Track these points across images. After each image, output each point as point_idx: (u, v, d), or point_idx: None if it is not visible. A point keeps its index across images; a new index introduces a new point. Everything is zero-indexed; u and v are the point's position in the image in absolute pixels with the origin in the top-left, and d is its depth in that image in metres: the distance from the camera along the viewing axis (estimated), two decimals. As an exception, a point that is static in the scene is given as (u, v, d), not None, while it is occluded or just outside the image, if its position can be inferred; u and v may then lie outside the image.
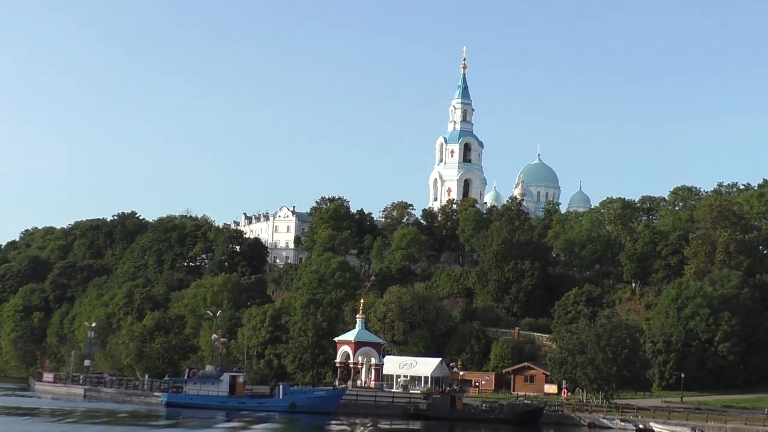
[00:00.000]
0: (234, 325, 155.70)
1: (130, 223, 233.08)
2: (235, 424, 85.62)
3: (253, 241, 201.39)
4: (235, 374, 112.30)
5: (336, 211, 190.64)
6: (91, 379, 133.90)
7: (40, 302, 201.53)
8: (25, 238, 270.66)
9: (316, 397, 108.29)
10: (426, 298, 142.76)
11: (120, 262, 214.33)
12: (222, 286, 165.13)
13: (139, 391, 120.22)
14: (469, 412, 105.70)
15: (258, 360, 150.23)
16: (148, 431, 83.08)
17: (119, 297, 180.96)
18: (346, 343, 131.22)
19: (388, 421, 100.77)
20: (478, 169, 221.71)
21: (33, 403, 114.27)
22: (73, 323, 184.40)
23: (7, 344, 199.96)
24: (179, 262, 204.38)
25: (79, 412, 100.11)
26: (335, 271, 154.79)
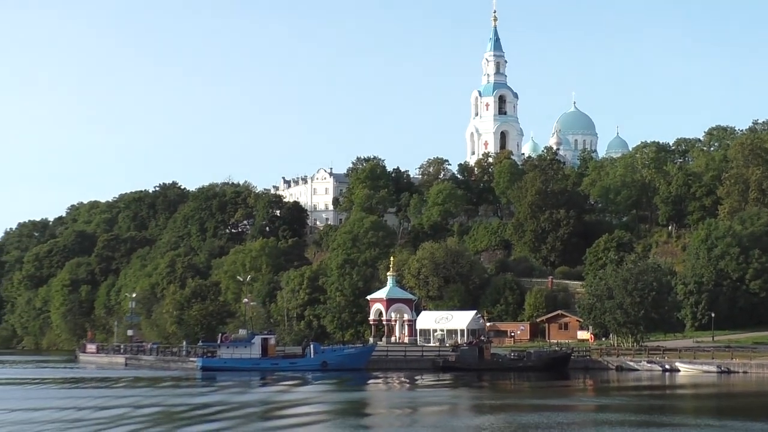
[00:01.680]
0: (273, 289, 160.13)
1: (171, 193, 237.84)
2: (279, 387, 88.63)
3: (292, 204, 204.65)
4: (267, 336, 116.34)
5: (372, 170, 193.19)
6: (131, 348, 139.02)
7: (87, 276, 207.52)
8: (71, 213, 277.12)
9: (346, 355, 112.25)
10: (459, 253, 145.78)
11: (164, 232, 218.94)
12: (260, 251, 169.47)
13: (176, 357, 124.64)
14: (497, 361, 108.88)
15: (298, 321, 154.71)
16: (188, 392, 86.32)
17: (162, 267, 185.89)
18: (379, 301, 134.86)
19: (418, 374, 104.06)
20: (514, 121, 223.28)
21: (76, 373, 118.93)
22: (119, 295, 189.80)
23: (57, 318, 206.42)
24: (221, 229, 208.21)
25: (116, 379, 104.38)
26: (368, 230, 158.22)
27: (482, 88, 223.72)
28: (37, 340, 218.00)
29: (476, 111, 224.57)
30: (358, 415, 64.48)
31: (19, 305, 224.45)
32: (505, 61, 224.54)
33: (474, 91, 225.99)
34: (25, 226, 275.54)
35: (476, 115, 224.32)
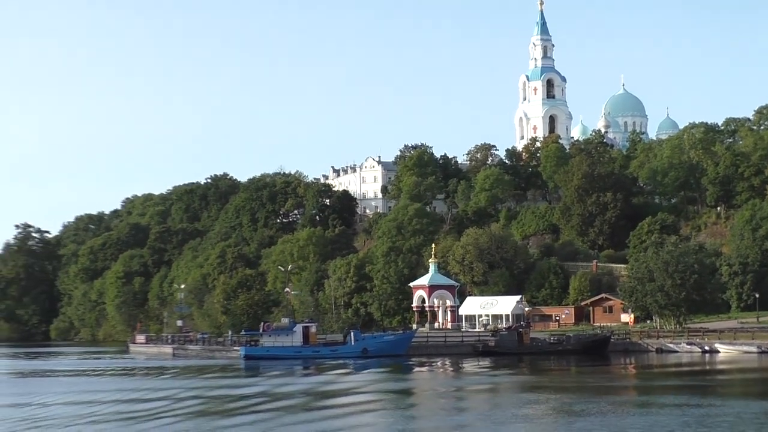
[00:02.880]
0: (321, 278, 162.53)
1: (223, 184, 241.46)
2: (327, 376, 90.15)
3: (341, 193, 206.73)
4: (308, 324, 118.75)
5: (420, 157, 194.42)
6: (179, 339, 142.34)
7: (140, 267, 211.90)
8: (126, 206, 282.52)
9: (386, 341, 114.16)
10: (503, 238, 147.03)
11: (215, 223, 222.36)
12: (307, 240, 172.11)
13: (221, 346, 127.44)
14: (536, 345, 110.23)
15: (345, 309, 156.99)
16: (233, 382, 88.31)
17: (213, 257, 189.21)
18: (421, 288, 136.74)
19: (458, 360, 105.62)
20: (563, 105, 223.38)
21: (127, 363, 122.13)
22: (172, 286, 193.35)
23: (112, 310, 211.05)
24: (272, 219, 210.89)
25: (163, 368, 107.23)
26: (413, 218, 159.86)
27: (530, 72, 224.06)
28: (94, 332, 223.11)
29: (524, 96, 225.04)
30: (407, 401, 66.04)
31: (76, 298, 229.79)
32: (553, 44, 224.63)
33: (522, 75, 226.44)
34: (81, 220, 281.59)
35: (524, 100, 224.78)
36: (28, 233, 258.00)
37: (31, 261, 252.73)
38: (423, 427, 51.95)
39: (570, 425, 49.50)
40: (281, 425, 51.26)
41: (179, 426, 51.26)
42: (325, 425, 51.42)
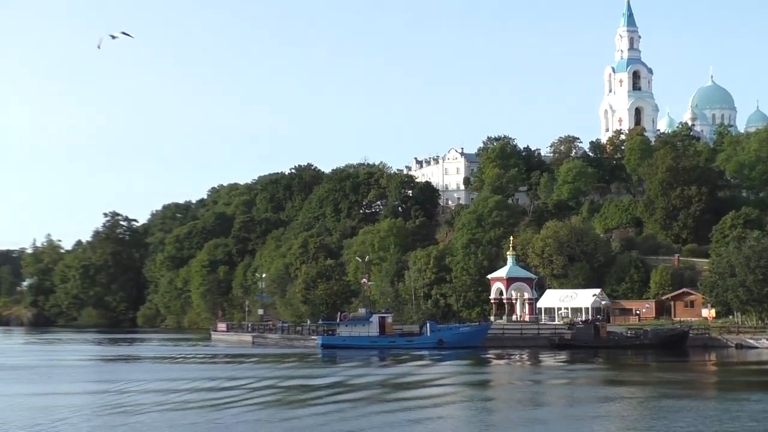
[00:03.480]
0: (401, 268, 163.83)
1: (306, 174, 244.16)
2: (402, 367, 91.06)
3: (424, 184, 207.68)
4: (384, 315, 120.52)
5: (502, 149, 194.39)
6: (258, 327, 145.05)
7: (224, 256, 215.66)
8: (212, 195, 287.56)
9: (461, 333, 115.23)
10: (583, 231, 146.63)
11: (299, 213, 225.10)
12: (388, 231, 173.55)
13: (299, 335, 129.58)
14: (613, 339, 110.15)
15: (425, 300, 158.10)
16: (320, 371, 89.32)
17: (295, 247, 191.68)
18: (499, 280, 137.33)
19: (534, 352, 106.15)
20: (649, 97, 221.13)
21: (207, 351, 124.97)
22: (255, 275, 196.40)
23: (197, 298, 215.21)
24: (355, 210, 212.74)
25: (241, 356, 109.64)
26: (493, 210, 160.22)
27: (616, 64, 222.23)
28: (179, 319, 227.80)
29: (610, 87, 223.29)
30: (484, 393, 66.61)
31: (162, 285, 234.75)
32: (639, 36, 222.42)
33: (607, 67, 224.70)
34: (168, 209, 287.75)
35: (610, 92, 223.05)
36: (116, 221, 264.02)
37: (119, 249, 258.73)
38: (500, 420, 51.82)
39: (654, 424, 48.61)
40: (358, 416, 51.74)
41: (253, 415, 52.05)
42: (402, 416, 51.71)
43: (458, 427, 49.23)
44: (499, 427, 49.62)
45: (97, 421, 51.07)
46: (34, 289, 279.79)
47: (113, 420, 50.86)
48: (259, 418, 51.19)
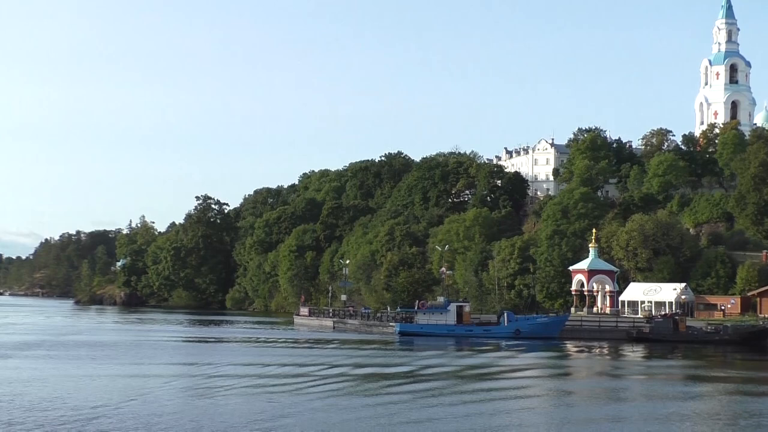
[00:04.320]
0: (485, 258, 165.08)
1: (396, 162, 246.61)
2: (481, 357, 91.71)
3: (513, 175, 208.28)
4: (462, 304, 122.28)
5: (593, 141, 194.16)
6: (339, 312, 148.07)
7: (312, 242, 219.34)
8: (303, 181, 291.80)
9: (539, 324, 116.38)
10: (669, 225, 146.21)
11: (388, 200, 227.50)
12: (473, 220, 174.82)
13: (378, 322, 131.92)
14: (692, 334, 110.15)
15: (508, 290, 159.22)
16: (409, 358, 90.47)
17: (382, 235, 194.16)
18: (580, 272, 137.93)
19: (611, 345, 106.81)
20: (746, 90, 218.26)
21: (288, 335, 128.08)
22: (341, 261, 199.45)
23: (285, 282, 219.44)
24: (443, 198, 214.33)
25: (320, 341, 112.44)
26: (578, 201, 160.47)
27: (713, 56, 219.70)
28: (266, 303, 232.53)
29: (706, 81, 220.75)
30: (563, 386, 66.89)
31: (251, 269, 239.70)
32: (738, 28, 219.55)
33: (704, 60, 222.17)
34: (260, 193, 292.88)
35: (706, 85, 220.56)
36: (207, 205, 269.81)
37: (210, 232, 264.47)
38: (579, 417, 50.62)
39: (747, 424, 47.62)
40: (432, 405, 51.83)
41: (323, 403, 52.05)
42: (478, 408, 51.65)
43: (536, 421, 48.52)
44: (577, 423, 48.33)
45: (183, 398, 53.64)
46: (127, 270, 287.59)
47: (198, 399, 53.14)
48: (329, 405, 51.20)
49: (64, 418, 44.21)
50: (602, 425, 47.87)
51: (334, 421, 44.65)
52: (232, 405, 50.06)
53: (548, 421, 48.36)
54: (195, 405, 50.40)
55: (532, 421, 48.15)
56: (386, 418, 46.59)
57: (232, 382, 61.06)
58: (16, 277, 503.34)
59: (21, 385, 56.56)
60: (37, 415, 44.98)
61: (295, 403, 51.38)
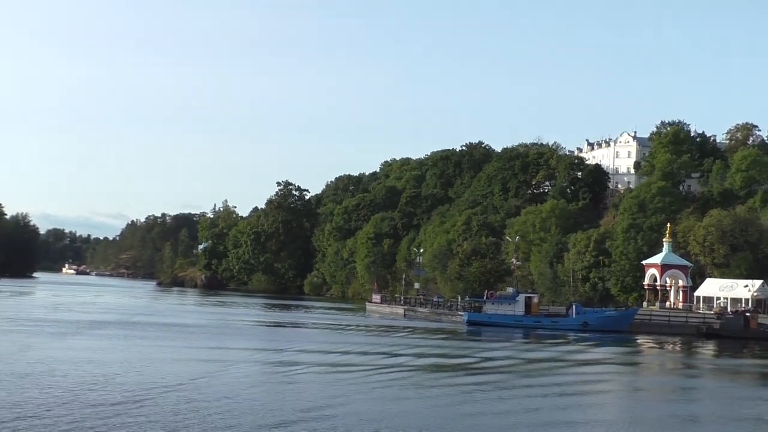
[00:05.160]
0: (560, 250, 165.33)
1: (477, 152, 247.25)
2: (552, 349, 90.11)
3: (593, 167, 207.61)
4: (530, 295, 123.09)
5: (675, 134, 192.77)
6: (410, 300, 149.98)
7: (390, 230, 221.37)
8: (384, 169, 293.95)
9: (607, 317, 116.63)
10: (748, 221, 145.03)
11: (468, 190, 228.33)
12: (550, 212, 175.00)
13: (447, 310, 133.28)
14: (763, 331, 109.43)
15: (583, 283, 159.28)
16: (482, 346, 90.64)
17: (459, 224, 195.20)
18: (653, 266, 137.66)
19: (680, 340, 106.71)
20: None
21: (361, 321, 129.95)
22: (418, 249, 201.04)
23: (362, 269, 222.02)
24: (523, 189, 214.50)
25: (390, 327, 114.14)
26: (655, 195, 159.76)
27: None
28: (344, 289, 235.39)
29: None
30: (632, 381, 66.02)
31: (329, 255, 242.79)
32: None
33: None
34: (341, 180, 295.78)
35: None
36: (288, 191, 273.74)
37: (290, 217, 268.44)
38: (650, 414, 48.03)
39: None
40: (499, 399, 50.60)
41: (379, 394, 50.13)
42: (548, 402, 50.54)
43: (605, 418, 46.34)
44: (647, 422, 45.65)
45: (261, 379, 55.33)
46: (208, 253, 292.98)
47: (276, 382, 54.30)
48: (388, 394, 49.81)
49: (132, 393, 45.57)
50: (673, 425, 45.45)
51: (395, 411, 43.76)
52: (297, 388, 51.00)
53: (617, 419, 46.52)
54: (274, 387, 51.62)
55: (601, 417, 46.46)
56: (452, 409, 45.60)
57: (299, 367, 61.99)
58: (103, 258, 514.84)
59: (94, 365, 57.49)
60: (110, 389, 46.56)
61: (353, 390, 51.05)
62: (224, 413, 40.69)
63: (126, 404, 41.72)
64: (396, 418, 41.60)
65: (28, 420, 37.32)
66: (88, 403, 41.95)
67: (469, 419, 42.26)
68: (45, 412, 38.80)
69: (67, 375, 51.71)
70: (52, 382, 48.25)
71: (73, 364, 57.43)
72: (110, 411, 39.44)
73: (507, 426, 41.88)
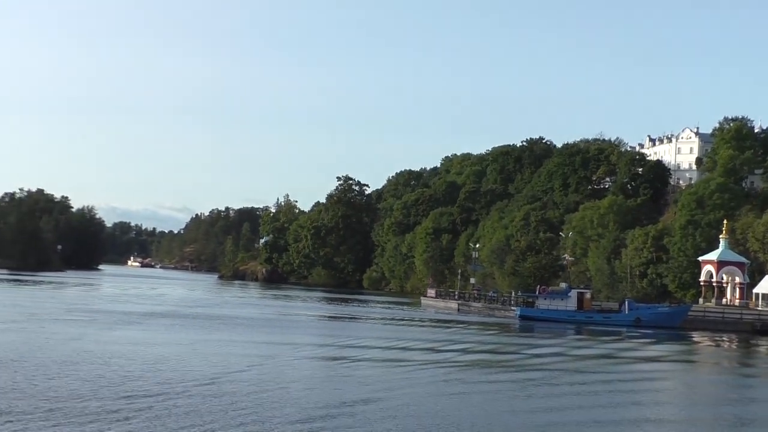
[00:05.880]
0: (618, 246, 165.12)
1: (537, 148, 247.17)
2: (605, 345, 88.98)
3: (654, 163, 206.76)
4: (583, 291, 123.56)
5: (738, 130, 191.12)
6: (464, 295, 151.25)
7: (449, 225, 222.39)
8: (444, 164, 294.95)
9: (660, 313, 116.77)
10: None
11: (527, 186, 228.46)
12: (608, 208, 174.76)
13: (500, 305, 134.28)
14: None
15: (641, 279, 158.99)
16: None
17: (517, 220, 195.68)
18: (709, 263, 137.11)
19: (733, 337, 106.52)
20: None
21: (415, 314, 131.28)
22: (478, 245, 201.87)
23: (420, 264, 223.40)
24: (583, 185, 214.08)
25: (443, 322, 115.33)
26: (714, 192, 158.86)
27: None
28: (402, 284, 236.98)
29: None
30: (685, 379, 64.97)
31: (388, 250, 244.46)
32: None
33: None
34: (402, 175, 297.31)
35: None
36: (348, 185, 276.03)
37: (349, 212, 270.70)
38: (706, 416, 46.27)
39: None
40: (549, 395, 49.27)
41: (424, 390, 48.39)
42: (600, 399, 49.27)
43: (661, 418, 44.51)
44: (705, 423, 43.96)
45: (321, 369, 56.96)
46: (269, 247, 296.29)
47: (336, 371, 55.82)
48: (435, 391, 48.27)
49: (190, 380, 46.83)
50: (732, 426, 43.53)
51: (445, 406, 42.97)
52: (349, 378, 51.93)
53: (673, 419, 44.80)
54: (333, 376, 52.92)
55: (657, 415, 44.99)
56: (502, 403, 45.18)
57: (352, 358, 62.86)
58: (168, 251, 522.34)
59: (155, 354, 59.00)
60: (169, 376, 48.00)
61: (401, 381, 50.91)
62: (279, 400, 41.99)
63: (174, 394, 42.68)
64: (445, 412, 41.15)
65: (82, 402, 38.93)
66: (155, 384, 44.18)
67: (522, 416, 41.89)
68: (75, 400, 39.85)
69: (135, 359, 54.19)
70: (92, 369, 49.52)
71: (139, 348, 59.82)
72: (152, 401, 40.29)
73: (559, 423, 40.85)
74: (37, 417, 34.97)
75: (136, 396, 40.93)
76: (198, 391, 43.38)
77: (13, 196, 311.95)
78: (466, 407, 43.00)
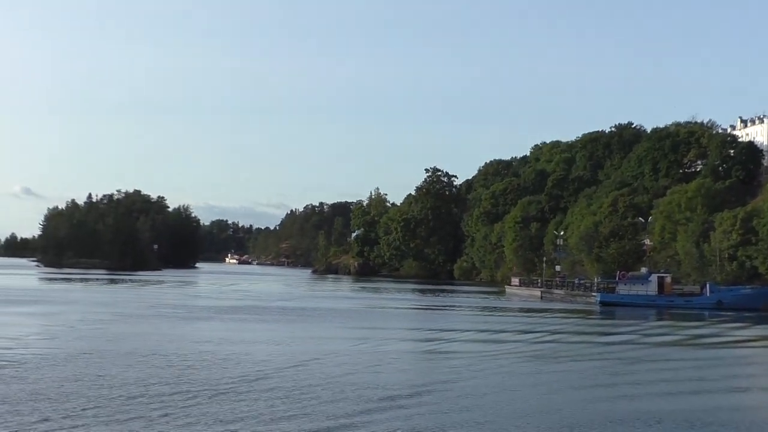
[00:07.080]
0: (707, 230, 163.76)
1: (627, 133, 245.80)
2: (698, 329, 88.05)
3: (746, 144, 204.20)
4: (663, 275, 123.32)
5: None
6: (546, 282, 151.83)
7: (537, 213, 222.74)
8: (534, 153, 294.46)
9: (742, 295, 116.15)
10: None
11: (617, 172, 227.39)
12: (696, 191, 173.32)
13: (581, 292, 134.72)
14: None
15: (730, 262, 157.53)
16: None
17: (605, 206, 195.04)
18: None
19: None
20: None
21: (500, 303, 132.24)
22: (566, 232, 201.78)
23: (510, 253, 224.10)
24: (673, 169, 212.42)
25: (524, 309, 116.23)
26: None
27: None
28: (492, 273, 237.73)
29: None
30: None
31: (477, 240, 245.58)
32: None
33: None
34: (491, 165, 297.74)
35: None
36: (436, 177, 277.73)
37: (438, 204, 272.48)
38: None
39: None
40: (634, 382, 46.57)
41: (501, 379, 46.95)
42: (690, 386, 46.20)
43: (747, 404, 42.00)
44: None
45: (415, 358, 57.78)
46: (360, 240, 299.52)
47: (429, 361, 56.73)
48: (511, 381, 46.42)
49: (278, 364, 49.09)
50: None
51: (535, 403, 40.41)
52: (430, 364, 53.70)
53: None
54: (427, 366, 53.61)
55: (746, 403, 42.35)
56: (582, 392, 43.24)
57: (457, 348, 63.40)
58: (264, 247, 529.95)
59: (246, 345, 60.09)
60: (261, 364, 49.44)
61: (478, 368, 50.78)
62: (368, 382, 43.73)
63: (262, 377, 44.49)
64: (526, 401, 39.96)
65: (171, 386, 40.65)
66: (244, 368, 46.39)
67: (605, 403, 40.02)
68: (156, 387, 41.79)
69: (250, 342, 55.90)
70: (168, 360, 51.09)
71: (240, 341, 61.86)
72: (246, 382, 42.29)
73: (646, 411, 37.92)
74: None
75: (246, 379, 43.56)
76: (297, 371, 46.52)
77: (111, 198, 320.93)
78: (537, 396, 41.19)
